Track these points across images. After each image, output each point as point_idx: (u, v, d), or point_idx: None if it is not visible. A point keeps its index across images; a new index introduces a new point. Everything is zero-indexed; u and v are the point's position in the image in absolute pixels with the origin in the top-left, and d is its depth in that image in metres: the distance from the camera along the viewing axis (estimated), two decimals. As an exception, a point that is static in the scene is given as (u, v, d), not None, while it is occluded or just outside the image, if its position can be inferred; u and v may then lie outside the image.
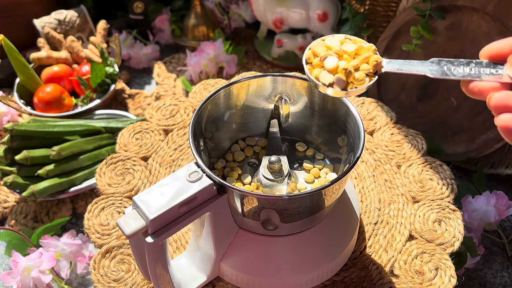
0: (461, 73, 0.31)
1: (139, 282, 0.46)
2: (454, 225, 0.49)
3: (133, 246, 0.40)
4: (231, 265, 0.43)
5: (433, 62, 0.33)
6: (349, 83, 0.35)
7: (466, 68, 0.32)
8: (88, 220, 0.51)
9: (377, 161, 0.57)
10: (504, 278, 0.58)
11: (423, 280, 0.45)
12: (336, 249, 0.45)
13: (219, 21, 0.95)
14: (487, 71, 0.31)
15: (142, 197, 0.36)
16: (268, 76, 0.46)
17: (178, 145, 0.59)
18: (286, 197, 0.37)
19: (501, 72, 0.30)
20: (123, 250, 0.49)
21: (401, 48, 0.68)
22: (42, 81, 0.80)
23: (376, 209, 0.52)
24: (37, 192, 0.63)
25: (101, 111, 0.77)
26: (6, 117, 0.76)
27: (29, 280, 0.54)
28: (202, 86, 0.67)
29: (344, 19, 0.75)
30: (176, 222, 0.37)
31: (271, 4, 0.83)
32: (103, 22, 0.87)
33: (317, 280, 0.45)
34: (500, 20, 0.58)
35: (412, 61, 0.34)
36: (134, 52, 0.90)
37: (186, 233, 0.51)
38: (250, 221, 0.41)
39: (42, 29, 0.84)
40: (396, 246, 0.49)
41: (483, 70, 0.31)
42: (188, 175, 0.37)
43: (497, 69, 0.31)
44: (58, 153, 0.64)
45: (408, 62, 0.34)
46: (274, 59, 0.90)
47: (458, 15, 0.61)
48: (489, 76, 0.31)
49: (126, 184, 0.55)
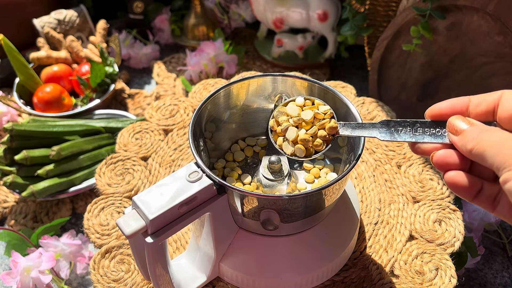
0: (406, 136, 0.34)
1: (138, 282, 0.46)
2: (455, 225, 0.49)
3: (133, 246, 0.40)
4: (231, 265, 0.43)
5: (383, 123, 0.36)
6: (308, 148, 0.40)
7: (412, 130, 0.34)
8: (88, 220, 0.51)
9: (377, 161, 0.57)
10: (504, 278, 0.58)
11: (423, 280, 0.45)
12: (336, 249, 0.44)
13: (219, 21, 0.95)
14: (429, 132, 0.33)
15: (142, 197, 0.36)
16: (268, 76, 0.46)
17: (178, 145, 0.59)
18: (286, 197, 0.37)
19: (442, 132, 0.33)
20: (122, 250, 0.49)
21: (401, 48, 0.68)
22: (41, 81, 0.80)
23: (377, 209, 0.52)
24: (36, 192, 0.63)
25: (100, 111, 0.77)
26: (5, 117, 0.76)
27: (28, 280, 0.54)
28: (202, 86, 0.67)
29: (344, 18, 0.75)
30: (176, 222, 0.37)
31: (271, 4, 0.83)
32: (102, 21, 0.87)
33: (317, 280, 0.45)
34: (501, 20, 0.58)
35: (364, 124, 0.37)
36: (134, 52, 0.90)
37: (186, 233, 0.51)
38: (250, 221, 0.41)
39: (42, 29, 0.84)
40: (397, 246, 0.48)
41: (426, 131, 0.34)
42: (188, 175, 0.37)
43: (438, 129, 0.33)
44: (57, 153, 0.64)
45: (360, 125, 0.37)
46: (274, 59, 0.90)
47: (459, 15, 0.61)
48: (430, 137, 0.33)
49: (126, 184, 0.55)
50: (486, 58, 0.63)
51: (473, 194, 0.31)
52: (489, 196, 0.31)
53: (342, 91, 0.65)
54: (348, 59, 0.89)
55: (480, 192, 0.31)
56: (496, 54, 0.62)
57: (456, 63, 0.66)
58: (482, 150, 0.29)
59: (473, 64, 0.64)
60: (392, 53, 0.70)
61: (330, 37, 0.85)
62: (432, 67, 0.68)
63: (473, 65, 0.64)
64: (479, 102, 0.32)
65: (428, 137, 0.33)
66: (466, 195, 0.31)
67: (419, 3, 0.63)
